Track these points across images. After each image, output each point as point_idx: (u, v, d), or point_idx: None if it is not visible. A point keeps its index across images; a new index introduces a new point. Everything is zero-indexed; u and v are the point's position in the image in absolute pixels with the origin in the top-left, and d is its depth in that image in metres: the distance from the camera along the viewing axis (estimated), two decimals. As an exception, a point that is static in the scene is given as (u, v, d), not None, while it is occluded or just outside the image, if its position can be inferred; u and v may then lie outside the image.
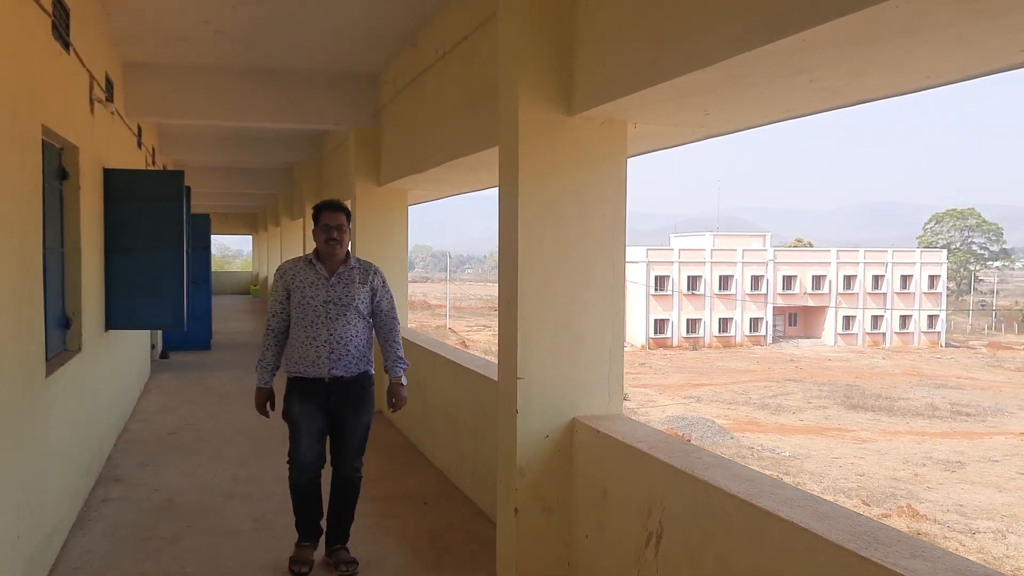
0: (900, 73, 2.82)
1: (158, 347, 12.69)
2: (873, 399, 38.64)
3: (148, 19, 6.67)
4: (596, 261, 3.98)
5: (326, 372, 4.17)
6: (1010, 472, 27.28)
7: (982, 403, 38.19)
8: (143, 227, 6.94)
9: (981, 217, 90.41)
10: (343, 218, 4.23)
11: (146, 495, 5.71)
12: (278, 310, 4.30)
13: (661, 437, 3.55)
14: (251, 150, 13.61)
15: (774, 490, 2.79)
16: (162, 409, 8.84)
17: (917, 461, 28.42)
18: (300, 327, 4.20)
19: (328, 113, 8.51)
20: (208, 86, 8.18)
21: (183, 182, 7.31)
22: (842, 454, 29.14)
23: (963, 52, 2.56)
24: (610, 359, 4.01)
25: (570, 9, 3.85)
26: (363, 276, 4.28)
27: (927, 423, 34.38)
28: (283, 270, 4.32)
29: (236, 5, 6.20)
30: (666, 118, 3.88)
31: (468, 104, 5.57)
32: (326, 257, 4.25)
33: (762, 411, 36.04)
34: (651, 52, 3.21)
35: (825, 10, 2.26)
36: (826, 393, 39.91)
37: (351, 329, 4.21)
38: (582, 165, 3.94)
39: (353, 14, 6.40)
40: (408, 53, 7.13)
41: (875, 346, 57.95)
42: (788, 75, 2.92)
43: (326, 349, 4.16)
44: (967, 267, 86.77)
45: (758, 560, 2.63)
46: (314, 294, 4.18)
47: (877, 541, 2.29)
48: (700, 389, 40.44)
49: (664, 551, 3.17)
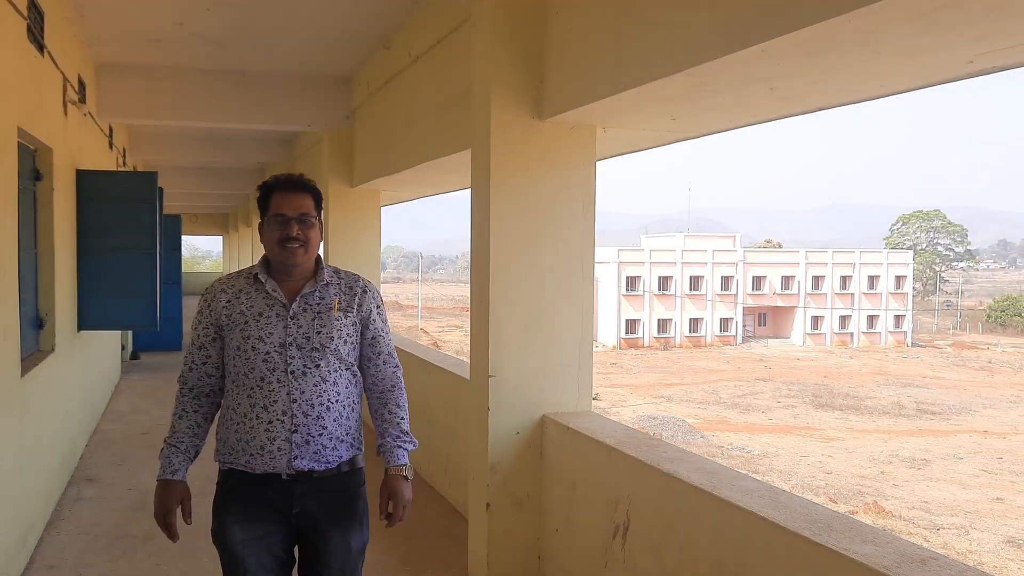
0: (856, 82, 2.95)
1: (128, 348, 12.63)
2: (841, 398, 39.20)
3: (122, 21, 6.67)
4: (566, 262, 4.09)
5: (285, 464, 2.47)
6: (974, 469, 27.82)
7: (947, 402, 38.89)
8: (116, 228, 6.95)
9: (946, 219, 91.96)
10: (309, 202, 2.56)
11: (120, 494, 5.74)
12: (200, 360, 2.59)
13: (628, 432, 3.66)
14: (222, 150, 13.57)
15: (734, 481, 2.91)
16: (134, 410, 8.82)
17: (883, 459, 28.89)
18: (241, 388, 2.51)
19: (301, 114, 8.55)
20: (181, 87, 8.19)
21: (156, 183, 7.34)
22: (810, 452, 29.54)
23: (914, 63, 2.69)
24: (579, 357, 4.12)
25: (540, 18, 3.95)
26: (346, 298, 2.61)
27: (893, 422, 34.94)
28: (212, 295, 2.60)
29: (210, 7, 6.23)
30: (634, 123, 4.00)
31: (440, 107, 5.66)
32: (283, 269, 2.55)
33: (732, 410, 36.43)
34: (617, 60, 3.32)
35: (782, 23, 2.38)
36: (795, 392, 40.41)
37: (328, 389, 2.53)
38: (552, 168, 4.04)
39: (326, 17, 6.45)
40: (381, 56, 7.20)
41: (843, 346, 58.72)
42: (749, 83, 3.04)
43: (286, 425, 2.46)
44: (933, 268, 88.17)
45: (719, 548, 2.75)
46: (264, 332, 2.49)
47: (830, 528, 2.42)
48: (671, 389, 40.77)
49: (630, 542, 3.28)
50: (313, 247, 2.57)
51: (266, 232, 2.57)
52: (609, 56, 3.39)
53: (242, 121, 8.64)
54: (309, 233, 2.55)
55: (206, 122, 8.77)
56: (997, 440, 31.87)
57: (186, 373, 2.63)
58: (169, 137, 12.97)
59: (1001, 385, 43.92)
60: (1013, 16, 2.10)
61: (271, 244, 2.55)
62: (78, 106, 6.45)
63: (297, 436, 2.48)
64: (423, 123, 6.11)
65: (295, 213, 2.52)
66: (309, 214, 2.55)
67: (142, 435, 7.62)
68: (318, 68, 8.25)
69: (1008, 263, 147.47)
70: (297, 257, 2.53)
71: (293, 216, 2.52)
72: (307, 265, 2.58)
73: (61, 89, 5.87)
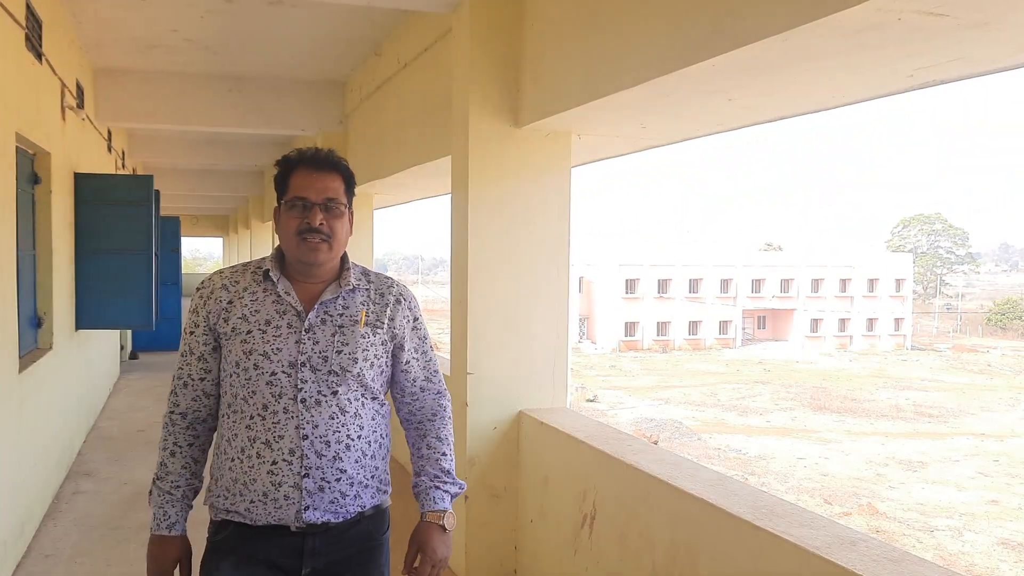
0: (805, 94, 3.12)
1: (127, 348, 12.80)
2: (839, 401, 39.35)
3: (118, 28, 6.84)
4: (542, 264, 4.25)
5: (293, 516, 1.97)
6: (970, 472, 27.96)
7: (945, 404, 39.02)
8: (113, 230, 7.12)
9: (947, 222, 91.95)
10: (338, 185, 2.03)
11: (116, 488, 5.90)
12: (197, 375, 2.07)
13: (598, 427, 3.82)
14: (221, 153, 13.73)
15: (693, 472, 3.07)
16: (131, 408, 8.99)
17: (880, 461, 29.05)
18: (239, 416, 2.00)
19: (296, 119, 8.72)
20: (178, 92, 8.35)
21: (152, 186, 7.51)
22: (807, 455, 29.71)
23: (858, 77, 2.85)
24: (555, 356, 4.28)
25: (516, 30, 4.12)
26: (376, 308, 2.09)
27: (891, 424, 35.08)
28: (208, 291, 2.08)
29: (204, 15, 6.40)
30: (607, 130, 4.16)
31: (427, 113, 5.82)
32: (301, 268, 2.04)
33: (730, 412, 36.59)
34: (587, 71, 3.48)
35: (727, 41, 2.54)
36: (793, 395, 40.56)
37: (348, 423, 2.02)
38: (529, 173, 4.21)
39: (318, 24, 6.62)
40: (373, 62, 7.37)
41: (843, 348, 58.85)
42: (708, 94, 3.21)
43: (294, 467, 1.96)
44: (934, 271, 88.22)
45: (675, 534, 2.91)
46: (271, 347, 1.98)
47: (773, 513, 2.58)
48: (669, 391, 40.93)
49: (597, 531, 3.44)
50: (340, 242, 2.03)
51: (283, 220, 2.02)
52: (579, 67, 3.55)
53: (238, 125, 8.81)
54: (336, 224, 2.01)
55: (202, 126, 8.94)
56: (994, 443, 32.03)
57: (178, 392, 2.07)
58: (168, 140, 13.15)
59: (1000, 388, 44.07)
60: (934, 36, 2.26)
61: (288, 235, 2.01)
62: (76, 111, 6.62)
63: (309, 481, 1.95)
64: (411, 129, 6.27)
65: (320, 198, 1.99)
66: (337, 200, 2.01)
67: (139, 432, 7.79)
68: (312, 73, 8.42)
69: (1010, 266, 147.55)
70: (320, 254, 1.99)
71: (317, 201, 1.98)
72: (331, 265, 2.05)
73: (59, 95, 6.04)
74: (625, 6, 3.18)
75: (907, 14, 2.11)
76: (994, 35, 2.24)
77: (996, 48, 2.37)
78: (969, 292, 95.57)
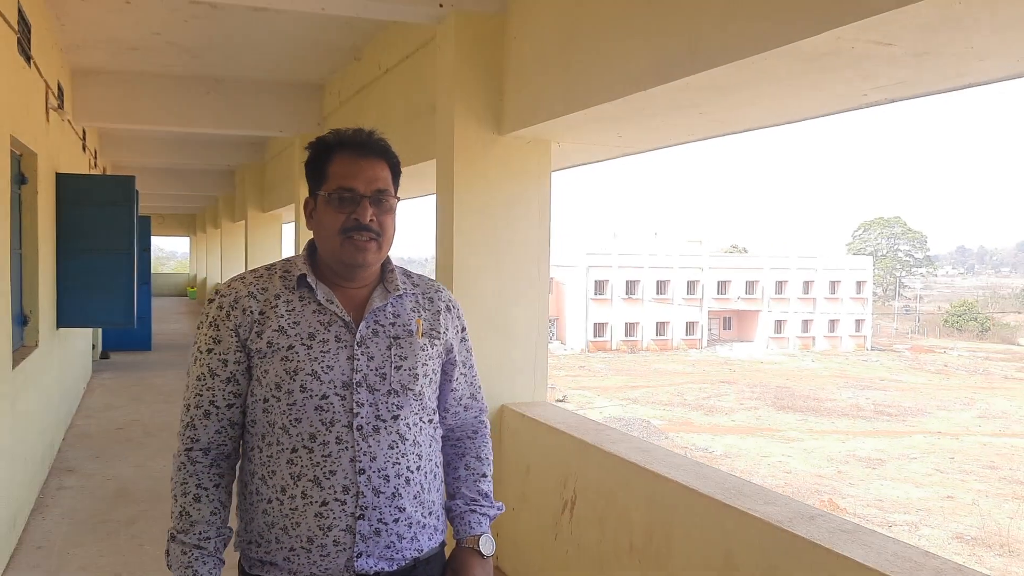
0: (770, 110, 3.38)
1: (98, 347, 12.79)
2: (802, 400, 40.09)
3: (100, 30, 6.94)
4: (524, 264, 4.47)
5: (343, 565, 1.70)
6: (927, 469, 28.69)
7: (903, 403, 39.90)
8: (94, 229, 7.22)
9: (906, 225, 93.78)
10: (387, 174, 1.79)
11: (100, 484, 6.02)
12: (224, 401, 1.75)
13: (577, 419, 4.05)
14: (192, 153, 13.77)
15: (666, 458, 3.30)
16: (107, 406, 9.05)
17: (841, 459, 29.70)
18: (279, 449, 1.71)
19: (274, 121, 8.85)
20: (156, 93, 8.45)
21: (134, 187, 7.61)
22: (771, 453, 30.29)
23: (819, 95, 3.11)
24: (535, 353, 4.50)
25: (499, 42, 4.33)
26: (429, 313, 1.86)
27: (851, 423, 35.83)
28: (231, 299, 1.76)
29: (188, 19, 6.53)
30: (584, 139, 4.39)
31: (409, 118, 6.01)
32: (343, 270, 1.77)
33: (696, 412, 37.13)
34: (566, 84, 3.71)
35: (700, 62, 2.78)
36: (757, 394, 41.24)
37: (408, 452, 1.76)
38: (511, 179, 4.43)
39: (299, 29, 6.77)
40: (353, 66, 7.54)
41: (805, 349, 59.86)
42: (681, 108, 3.45)
43: (348, 508, 1.69)
44: (894, 273, 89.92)
45: (651, 515, 3.15)
46: (320, 365, 1.70)
47: (741, 493, 2.82)
48: (637, 391, 41.41)
49: (577, 515, 3.67)
50: (389, 241, 1.78)
51: (321, 215, 1.74)
52: (560, 80, 3.78)
53: (215, 126, 8.92)
54: (386, 220, 1.75)
55: (180, 126, 9.03)
56: (950, 440, 32.85)
57: (197, 424, 1.73)
58: (139, 139, 13.17)
59: (955, 388, 45.15)
60: (883, 62, 2.52)
61: (330, 233, 1.72)
62: (59, 112, 6.71)
63: (364, 524, 1.69)
64: (392, 133, 6.38)
65: (369, 189, 1.72)
66: (387, 192, 1.75)
67: (117, 430, 7.87)
68: (291, 76, 8.56)
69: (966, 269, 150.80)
70: (368, 255, 1.73)
71: (367, 194, 1.72)
72: (375, 265, 1.79)
73: (44, 96, 6.14)
74: (605, 25, 3.41)
75: (860, 43, 2.36)
76: (934, 62, 2.50)
77: (937, 73, 2.64)
78: (927, 294, 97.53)
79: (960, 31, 2.24)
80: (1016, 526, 21.71)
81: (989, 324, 70.40)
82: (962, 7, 2.03)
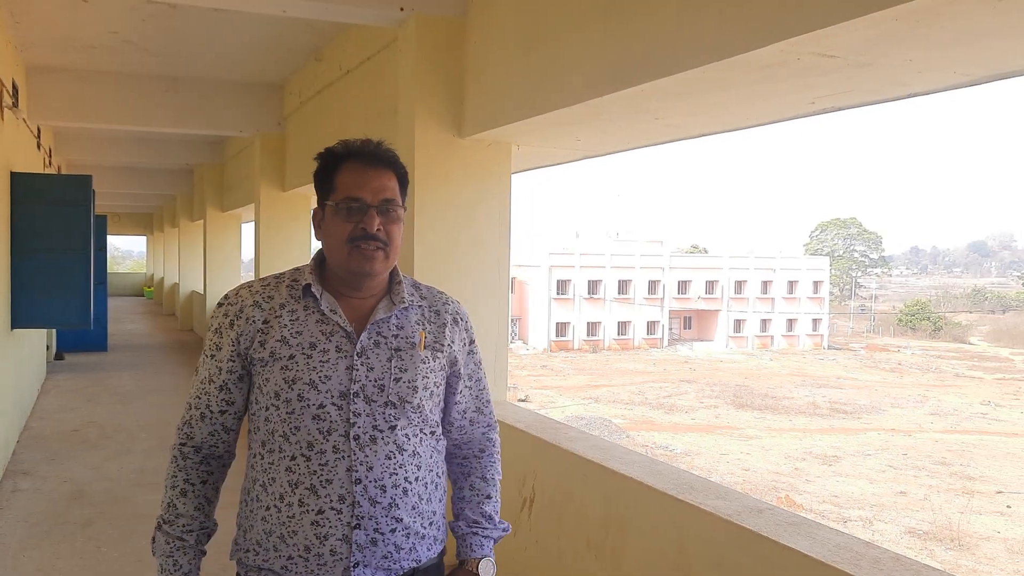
0: (723, 116, 3.48)
1: (52, 348, 12.59)
2: (760, 398, 40.64)
3: (56, 28, 6.86)
4: (484, 266, 4.53)
5: (339, 574, 1.72)
6: (880, 465, 29.27)
7: (859, 401, 40.64)
8: (49, 229, 7.13)
9: (862, 226, 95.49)
10: (394, 184, 1.82)
11: (56, 486, 5.95)
12: (219, 407, 1.82)
13: (537, 418, 4.12)
14: (150, 151, 13.62)
15: (622, 455, 3.39)
16: (62, 408, 8.93)
17: (798, 456, 30.18)
18: (278, 456, 1.75)
19: (233, 120, 8.80)
20: (114, 91, 8.36)
21: (90, 187, 7.53)
22: (730, 450, 30.68)
23: (769, 103, 3.22)
24: (496, 353, 4.56)
25: (460, 46, 4.39)
26: (433, 328, 1.88)
27: (808, 420, 36.40)
28: (237, 307, 1.80)
29: (145, 18, 6.48)
30: (544, 142, 4.47)
31: (370, 119, 6.04)
32: (349, 281, 1.80)
33: (657, 410, 37.48)
34: (526, 89, 3.78)
35: (653, 70, 2.87)
36: (717, 393, 41.73)
37: (407, 463, 1.78)
38: (472, 181, 4.49)
39: (258, 29, 6.76)
40: (313, 67, 7.54)
41: (764, 348, 60.72)
42: (636, 114, 3.54)
43: (344, 517, 1.72)
44: (850, 273, 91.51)
45: (607, 510, 3.23)
46: (319, 374, 1.73)
47: (692, 488, 2.91)
48: (599, 390, 41.67)
49: (536, 512, 3.74)
50: (396, 250, 1.81)
51: (329, 224, 1.77)
52: (519, 85, 3.85)
53: (174, 125, 8.85)
54: (393, 229, 1.78)
55: (138, 125, 8.94)
56: (903, 437, 33.55)
57: (193, 423, 1.82)
58: (95, 137, 12.99)
59: (909, 385, 46.11)
60: (828, 73, 2.62)
61: (338, 242, 1.75)
62: (13, 111, 6.62)
63: (360, 534, 1.71)
64: (353, 133, 6.43)
65: (376, 199, 1.75)
66: (395, 202, 1.79)
67: (72, 432, 7.77)
68: (250, 75, 8.52)
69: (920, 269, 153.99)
70: (375, 264, 1.75)
71: (374, 204, 1.74)
72: (382, 277, 1.82)
73: (-1, 95, 6.06)
74: (562, 32, 3.49)
75: (805, 55, 2.46)
76: (876, 73, 2.62)
77: (880, 84, 2.75)
78: (882, 294, 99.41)
79: (898, 46, 2.35)
80: (966, 520, 22.25)
81: (941, 323, 71.96)
82: (898, 24, 2.13)
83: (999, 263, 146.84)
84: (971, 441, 32.84)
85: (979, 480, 27.21)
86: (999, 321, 76.37)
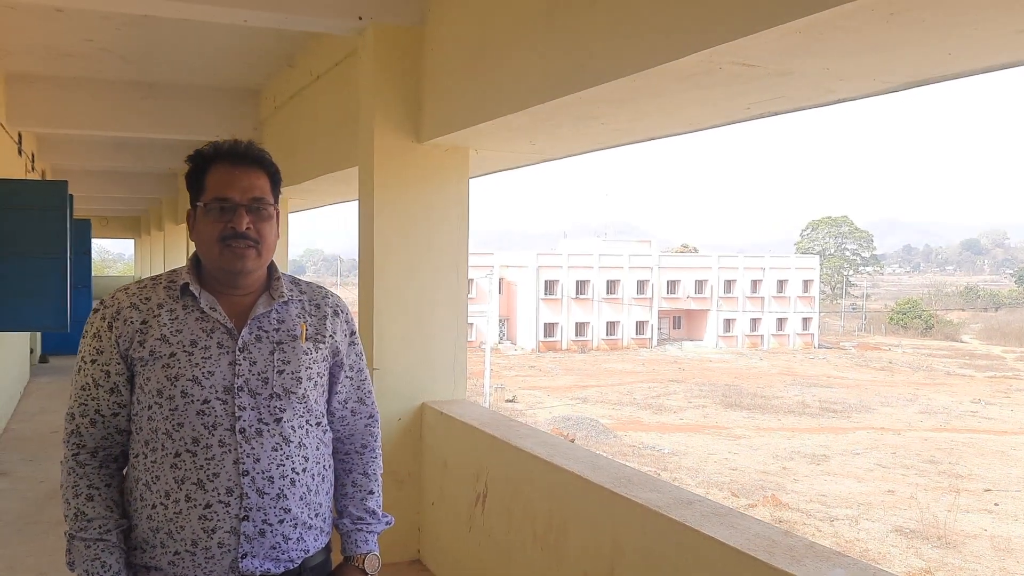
0: (666, 121, 3.58)
1: (36, 351, 12.64)
2: (749, 398, 40.77)
3: (31, 37, 6.93)
4: (443, 267, 4.63)
5: (227, 567, 1.75)
6: (869, 464, 29.43)
7: (848, 400, 40.79)
8: (25, 234, 7.19)
9: (853, 225, 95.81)
10: (264, 183, 1.83)
11: (31, 486, 6.03)
12: (109, 409, 1.81)
13: (491, 415, 4.23)
14: (133, 156, 13.67)
15: (568, 451, 3.49)
16: (43, 410, 9.00)
17: (786, 455, 30.32)
18: (162, 453, 1.76)
19: (210, 125, 8.87)
20: (92, 98, 8.43)
21: (67, 192, 7.60)
22: (718, 450, 30.81)
23: (705, 108, 3.32)
24: (455, 352, 4.66)
25: (417, 53, 4.49)
26: (315, 318, 1.91)
27: (797, 420, 36.55)
28: (113, 310, 1.81)
29: (120, 27, 6.56)
30: (500, 146, 4.57)
31: (336, 125, 6.13)
32: (224, 279, 1.83)
33: (645, 411, 37.59)
34: (479, 95, 3.88)
35: (587, 78, 2.97)
36: (706, 393, 41.87)
37: (293, 454, 1.81)
38: (430, 185, 4.59)
39: (232, 37, 6.83)
40: (287, 73, 7.63)
41: (754, 347, 60.92)
42: (584, 119, 3.64)
43: (232, 510, 1.74)
44: (841, 272, 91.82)
45: (551, 505, 3.33)
46: (201, 371, 1.76)
47: (630, 482, 3.01)
48: (587, 390, 41.77)
49: (488, 508, 3.84)
50: (269, 248, 1.82)
51: (200, 225, 1.80)
52: (472, 91, 3.95)
53: (151, 130, 8.93)
54: (264, 227, 1.80)
55: (115, 131, 9.02)
56: (892, 436, 33.72)
57: (83, 431, 1.79)
58: (79, 142, 13.03)
59: (899, 384, 46.31)
60: (752, 80, 2.73)
61: (208, 242, 1.77)
62: (-12, 117, 6.69)
63: (248, 525, 1.73)
64: (323, 138, 6.57)
65: (245, 198, 1.77)
66: (264, 200, 1.80)
67: (52, 433, 7.85)
68: (227, 81, 8.60)
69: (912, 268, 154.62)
70: (247, 261, 1.78)
71: (242, 202, 1.76)
72: (259, 274, 1.85)
73: (-28, 101, 6.13)
74: (509, 40, 3.59)
75: (725, 64, 2.57)
76: (799, 81, 2.72)
77: (805, 90, 2.86)
78: (874, 292, 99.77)
79: (811, 56, 2.46)
80: (953, 519, 22.39)
81: (933, 321, 72.20)
82: (802, 36, 2.23)
83: (992, 261, 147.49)
84: (961, 439, 33.03)
85: (967, 478, 27.37)
86: (991, 319, 76.73)
